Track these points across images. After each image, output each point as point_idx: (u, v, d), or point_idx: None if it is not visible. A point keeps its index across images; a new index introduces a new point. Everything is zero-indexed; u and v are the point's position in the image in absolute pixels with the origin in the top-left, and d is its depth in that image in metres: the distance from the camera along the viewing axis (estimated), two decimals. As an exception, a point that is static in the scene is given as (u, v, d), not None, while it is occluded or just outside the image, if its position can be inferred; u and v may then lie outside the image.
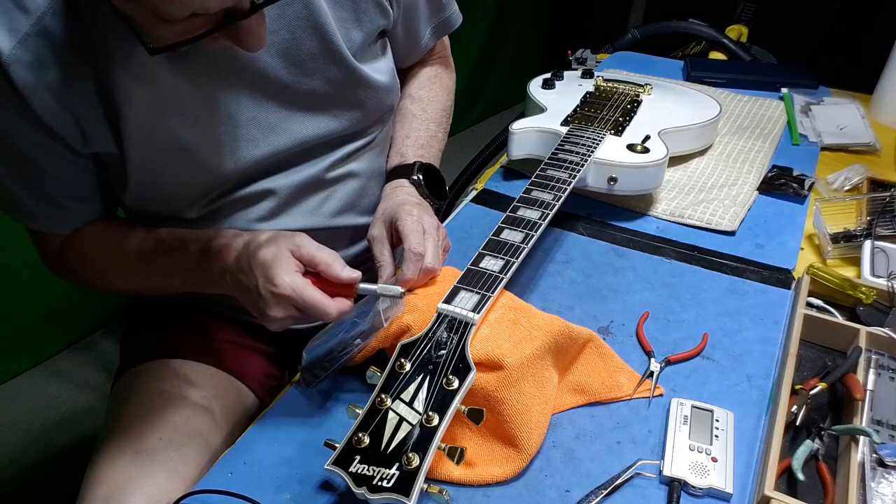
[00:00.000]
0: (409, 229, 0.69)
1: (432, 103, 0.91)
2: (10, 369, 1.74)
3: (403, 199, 0.76)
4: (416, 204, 0.75)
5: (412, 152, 0.86)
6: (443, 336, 0.61)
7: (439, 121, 0.91)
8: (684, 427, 0.63)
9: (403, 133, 0.88)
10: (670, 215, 0.95)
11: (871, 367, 0.68)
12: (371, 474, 0.51)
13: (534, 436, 0.61)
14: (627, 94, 1.09)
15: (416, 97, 0.91)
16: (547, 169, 0.84)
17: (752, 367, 0.72)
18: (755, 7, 2.18)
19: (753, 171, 1.04)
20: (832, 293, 0.78)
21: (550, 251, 0.89)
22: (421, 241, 0.68)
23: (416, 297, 0.68)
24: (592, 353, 0.70)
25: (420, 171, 0.83)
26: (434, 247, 0.69)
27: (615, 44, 1.60)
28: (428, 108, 0.91)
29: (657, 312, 0.79)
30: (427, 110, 0.90)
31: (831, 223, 0.89)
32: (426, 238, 0.69)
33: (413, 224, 0.69)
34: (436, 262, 0.68)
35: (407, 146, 0.87)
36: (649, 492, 0.59)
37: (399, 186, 0.81)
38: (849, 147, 1.13)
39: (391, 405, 0.55)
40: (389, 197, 0.79)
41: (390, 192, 0.80)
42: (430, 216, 0.73)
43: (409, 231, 0.68)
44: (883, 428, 0.63)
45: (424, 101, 0.91)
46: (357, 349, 0.67)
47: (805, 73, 1.34)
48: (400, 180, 0.82)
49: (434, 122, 0.90)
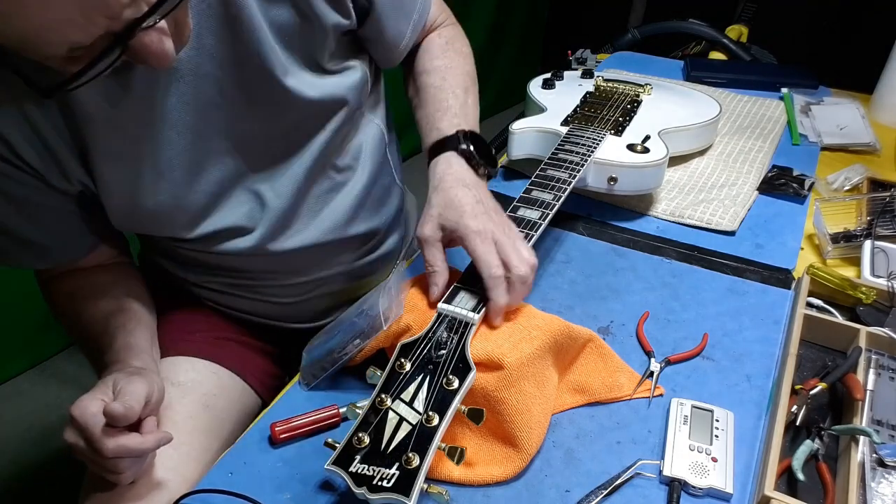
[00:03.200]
0: (480, 253, 0.64)
1: (451, 70, 0.83)
2: (9, 370, 1.74)
3: (461, 202, 0.68)
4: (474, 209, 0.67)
5: (447, 123, 0.77)
6: (443, 336, 0.61)
7: (466, 87, 0.83)
8: (684, 427, 0.63)
9: (432, 109, 0.80)
10: (670, 215, 0.95)
11: (871, 367, 0.68)
12: (371, 474, 0.51)
13: (534, 436, 0.61)
14: (627, 94, 1.09)
15: (432, 69, 0.83)
16: (547, 169, 0.84)
17: (752, 367, 0.72)
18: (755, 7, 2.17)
19: (753, 171, 1.04)
20: (832, 293, 0.78)
21: (550, 251, 0.89)
22: (497, 261, 0.63)
23: (416, 297, 0.68)
24: (592, 353, 0.70)
25: (467, 140, 0.75)
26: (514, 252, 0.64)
27: (615, 44, 1.60)
28: (448, 76, 0.82)
29: (657, 312, 0.79)
30: (447, 78, 0.82)
31: (831, 223, 0.89)
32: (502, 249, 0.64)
33: (483, 247, 0.64)
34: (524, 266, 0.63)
35: (439, 118, 0.78)
36: (649, 492, 0.59)
37: (448, 164, 0.73)
38: (849, 147, 1.13)
39: (391, 405, 0.55)
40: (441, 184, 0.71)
41: (441, 172, 0.72)
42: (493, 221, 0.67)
43: (481, 254, 0.64)
44: (883, 428, 0.63)
45: (442, 71, 0.83)
46: (357, 349, 0.67)
47: (805, 73, 1.34)
48: (447, 154, 0.74)
49: (461, 89, 0.82)
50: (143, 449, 0.58)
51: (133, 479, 0.62)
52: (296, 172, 0.75)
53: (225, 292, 0.83)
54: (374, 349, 0.68)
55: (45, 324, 1.73)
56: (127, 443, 0.56)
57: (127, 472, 0.59)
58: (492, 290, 0.63)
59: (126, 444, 0.56)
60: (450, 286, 0.67)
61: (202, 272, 0.82)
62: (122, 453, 0.56)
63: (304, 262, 0.81)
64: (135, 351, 0.68)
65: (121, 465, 0.58)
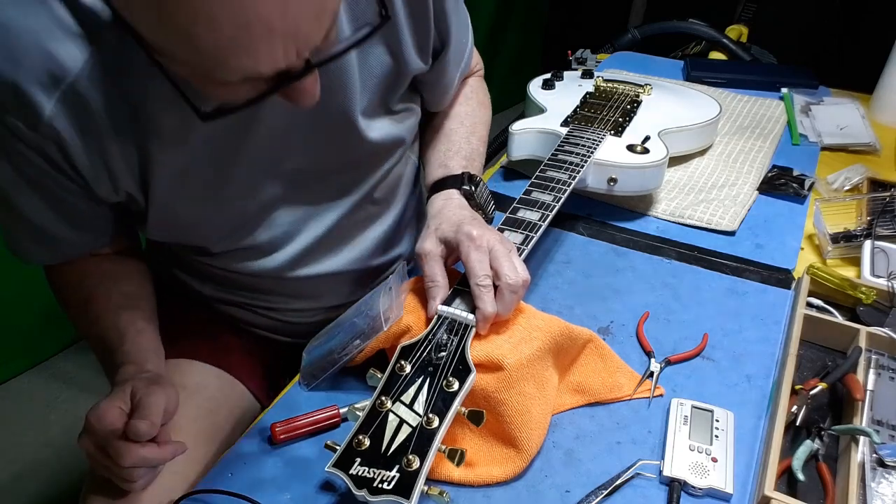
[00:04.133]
0: (472, 260, 0.64)
1: (470, 118, 0.87)
2: (9, 370, 1.74)
3: (459, 217, 0.70)
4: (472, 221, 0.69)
5: (456, 163, 0.80)
6: (443, 338, 0.61)
7: (481, 136, 0.87)
8: (684, 427, 0.63)
9: (444, 147, 0.83)
10: (670, 215, 0.95)
11: (871, 367, 0.68)
12: (371, 476, 0.51)
13: (534, 436, 0.61)
14: (627, 94, 1.09)
15: (453, 114, 0.87)
16: (547, 170, 0.84)
17: (752, 367, 0.72)
18: (755, 7, 2.18)
19: (753, 171, 1.04)
20: (832, 293, 0.78)
21: (550, 251, 0.89)
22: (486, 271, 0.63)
23: (416, 299, 0.68)
24: (592, 353, 0.70)
25: (471, 183, 0.77)
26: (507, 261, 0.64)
27: (615, 44, 1.60)
28: (466, 121, 0.86)
29: (657, 312, 0.79)
30: (465, 124, 0.86)
31: (831, 223, 0.89)
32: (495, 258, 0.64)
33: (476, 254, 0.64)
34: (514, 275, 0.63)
35: (450, 157, 0.81)
36: (649, 492, 0.59)
37: (449, 198, 0.75)
38: (849, 147, 1.13)
39: (391, 407, 0.55)
40: (441, 211, 0.73)
41: (441, 204, 0.74)
42: (491, 231, 0.68)
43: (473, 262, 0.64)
44: (883, 428, 0.63)
45: (462, 117, 0.87)
46: (356, 350, 0.67)
47: (805, 73, 1.34)
48: (449, 191, 0.76)
49: (476, 137, 0.85)
50: (160, 460, 0.58)
51: (145, 487, 0.62)
52: (341, 205, 0.75)
53: (234, 304, 0.83)
54: (375, 350, 0.68)
55: (45, 323, 1.73)
56: (145, 454, 0.56)
57: (140, 481, 0.60)
58: (478, 298, 0.62)
59: (144, 455, 0.56)
60: (450, 288, 0.67)
61: (215, 285, 0.82)
62: (140, 464, 0.56)
63: (320, 289, 0.81)
64: (147, 353, 0.67)
65: (135, 474, 0.58)
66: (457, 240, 0.66)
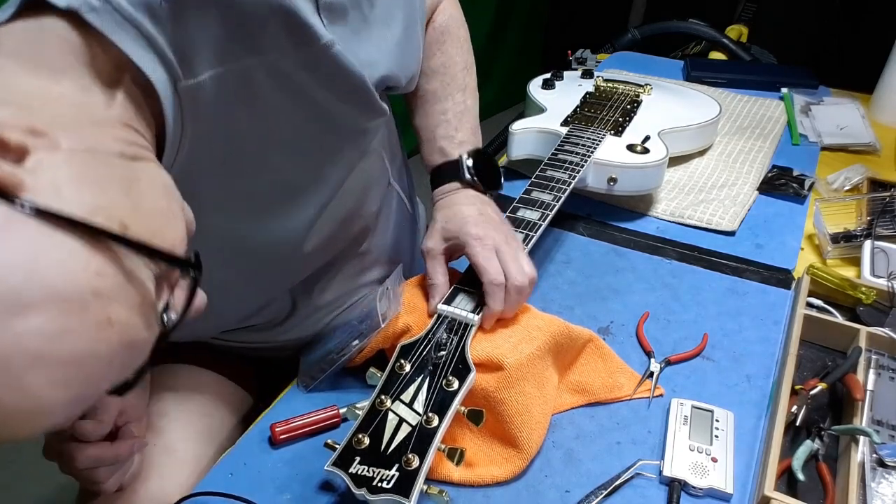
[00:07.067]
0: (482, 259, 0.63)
1: (449, 70, 0.77)
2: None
3: (465, 215, 0.68)
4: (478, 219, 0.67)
5: (449, 142, 0.74)
6: (443, 337, 0.61)
7: (464, 86, 0.77)
8: (684, 427, 0.63)
9: (432, 123, 0.75)
10: (670, 215, 0.95)
11: (871, 367, 0.68)
12: (371, 475, 0.51)
13: (534, 436, 0.61)
14: (627, 94, 1.09)
15: (429, 71, 0.76)
16: (547, 169, 0.84)
17: (752, 367, 0.72)
18: (755, 7, 2.18)
19: (753, 171, 1.04)
20: (832, 293, 0.78)
21: (550, 251, 0.89)
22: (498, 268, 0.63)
23: (416, 298, 0.68)
24: (592, 353, 0.70)
25: (471, 170, 0.72)
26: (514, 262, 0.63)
27: (615, 44, 1.60)
28: (446, 78, 0.77)
29: (657, 313, 0.79)
30: (447, 82, 0.77)
31: (831, 223, 0.89)
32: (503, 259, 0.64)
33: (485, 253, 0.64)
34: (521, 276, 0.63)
35: (441, 136, 0.75)
36: (649, 492, 0.59)
37: (452, 192, 0.72)
38: (849, 147, 1.13)
39: (391, 406, 0.55)
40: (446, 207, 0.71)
41: (445, 200, 0.72)
42: (497, 230, 0.67)
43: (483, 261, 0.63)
44: (883, 428, 0.63)
45: (440, 73, 0.77)
46: (355, 350, 0.67)
47: (805, 73, 1.34)
48: (451, 184, 0.72)
49: (459, 91, 0.77)
50: (114, 457, 0.57)
51: (119, 486, 0.60)
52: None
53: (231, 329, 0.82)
54: (375, 350, 0.68)
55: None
56: (98, 454, 0.55)
57: (110, 481, 0.58)
58: (490, 296, 0.63)
59: (96, 455, 0.55)
60: (449, 287, 0.67)
61: None
62: (94, 464, 0.55)
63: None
64: None
65: (97, 474, 0.57)
66: (463, 240, 0.66)
